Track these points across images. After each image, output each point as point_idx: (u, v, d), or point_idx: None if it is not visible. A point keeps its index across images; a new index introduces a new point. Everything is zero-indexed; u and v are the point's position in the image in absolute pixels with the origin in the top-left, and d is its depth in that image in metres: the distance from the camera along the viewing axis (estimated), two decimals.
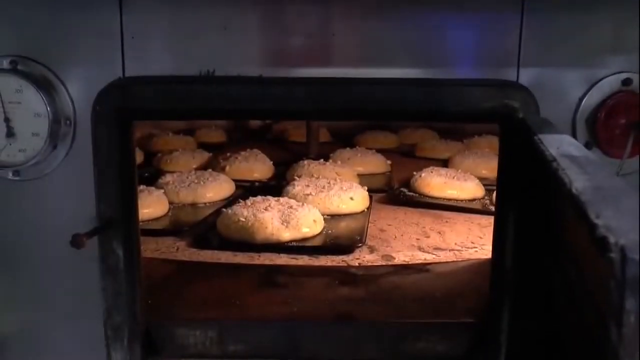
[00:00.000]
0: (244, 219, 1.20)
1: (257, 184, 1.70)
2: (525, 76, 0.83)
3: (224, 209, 1.29)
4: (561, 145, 0.60)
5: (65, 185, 0.86)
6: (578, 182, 0.47)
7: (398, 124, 2.60)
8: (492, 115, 0.82)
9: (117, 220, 0.84)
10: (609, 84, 0.85)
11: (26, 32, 0.83)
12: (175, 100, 0.83)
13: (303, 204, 1.30)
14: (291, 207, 1.27)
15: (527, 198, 0.81)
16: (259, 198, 1.32)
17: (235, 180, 1.65)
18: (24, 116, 0.82)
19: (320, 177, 1.57)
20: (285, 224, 1.21)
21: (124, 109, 0.82)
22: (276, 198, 1.33)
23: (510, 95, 0.82)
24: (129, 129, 0.84)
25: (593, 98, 0.84)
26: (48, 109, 0.82)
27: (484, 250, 1.22)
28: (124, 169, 0.84)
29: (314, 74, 0.84)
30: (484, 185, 1.64)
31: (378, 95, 0.82)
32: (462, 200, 1.57)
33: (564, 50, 0.84)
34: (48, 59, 0.83)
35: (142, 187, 1.41)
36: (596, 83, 0.85)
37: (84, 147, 0.84)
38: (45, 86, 0.82)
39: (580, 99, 0.84)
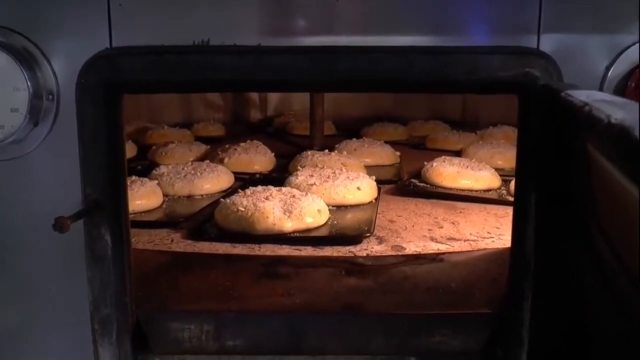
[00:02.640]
0: (243, 209, 1.17)
1: (257, 175, 1.67)
2: (547, 43, 0.79)
3: (222, 199, 1.26)
4: (591, 95, 0.56)
5: (47, 165, 0.82)
6: (617, 114, 0.43)
7: (408, 115, 2.57)
8: (510, 85, 0.79)
9: (104, 204, 0.81)
10: (638, 51, 0.80)
11: (3, 0, 0.79)
12: (167, 72, 0.79)
13: (306, 194, 1.26)
14: (294, 196, 1.23)
15: (549, 176, 0.77)
16: (260, 188, 1.29)
17: (234, 173, 1.62)
18: (1, 90, 0.78)
19: (325, 167, 1.54)
20: (287, 213, 1.17)
21: (111, 82, 0.79)
22: (278, 188, 1.29)
23: (531, 63, 0.78)
24: (117, 103, 0.81)
25: (620, 67, 0.80)
26: (28, 83, 0.78)
27: (501, 240, 1.18)
28: (112, 148, 0.81)
29: (316, 42, 0.80)
30: (501, 176, 1.60)
31: (385, 65, 0.78)
32: (476, 191, 1.53)
33: (587, 16, 0.80)
34: (28, 29, 0.80)
35: (134, 177, 1.39)
36: (624, 51, 0.81)
37: (68, 124, 0.80)
38: (25, 58, 0.79)
39: (607, 68, 0.80)
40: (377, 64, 0.79)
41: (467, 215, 1.37)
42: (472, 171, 1.57)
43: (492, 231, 1.25)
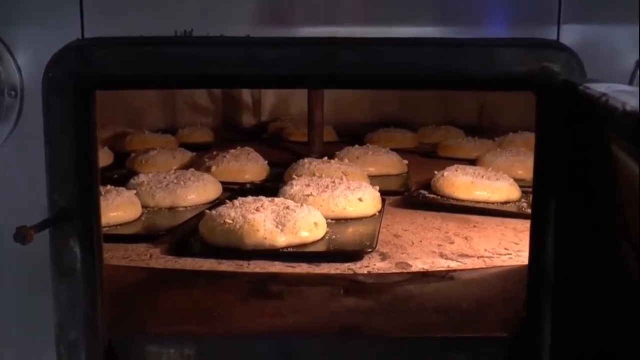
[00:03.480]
0: (231, 221, 1.17)
1: (248, 185, 1.67)
2: (568, 35, 0.80)
3: (207, 211, 1.26)
4: (612, 87, 0.56)
5: (9, 168, 0.82)
6: (633, 101, 0.43)
7: (417, 120, 2.58)
8: (526, 81, 0.79)
9: (74, 212, 0.81)
10: None
11: None
12: (146, 66, 0.80)
13: (302, 205, 1.26)
14: (287, 207, 1.23)
15: (571, 182, 0.77)
16: (250, 198, 1.29)
17: (222, 183, 1.62)
18: None
19: (324, 176, 1.54)
20: (280, 226, 1.17)
21: (83, 76, 0.79)
22: (270, 198, 1.29)
23: (550, 56, 0.78)
24: (89, 100, 0.81)
25: None
26: None
27: (520, 257, 1.18)
28: (82, 150, 0.81)
29: (313, 33, 0.81)
30: (521, 187, 1.60)
31: (389, 58, 0.79)
32: (493, 203, 1.53)
33: (613, 4, 0.80)
34: None
35: (109, 187, 1.39)
36: None
37: (33, 122, 0.80)
38: None
39: (639, 63, 0.80)
40: (381, 57, 0.79)
41: (482, 229, 1.37)
42: (488, 181, 1.57)
43: (509, 247, 1.25)
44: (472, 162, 1.94)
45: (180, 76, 0.81)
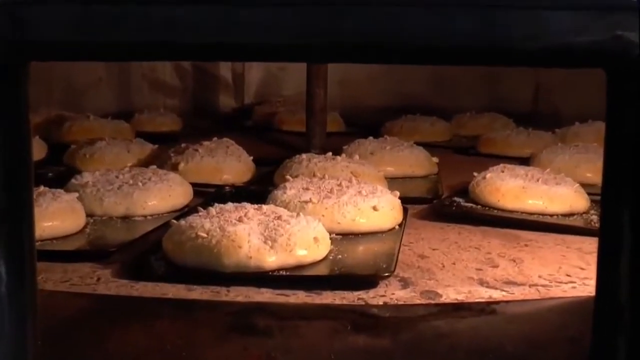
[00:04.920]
0: (205, 235, 1.19)
1: (227, 188, 1.68)
2: None
3: (174, 221, 1.28)
4: None
5: None
6: None
7: (452, 104, 2.60)
8: (592, 55, 0.80)
9: None
10: None
11: None
12: (96, 31, 0.81)
13: (298, 215, 1.28)
14: (279, 217, 1.25)
15: None
16: (230, 205, 1.31)
17: (193, 185, 1.65)
18: None
19: (327, 177, 1.55)
20: (269, 242, 1.19)
21: (12, 43, 0.81)
22: (257, 205, 1.31)
23: (625, 23, 0.79)
24: (20, 74, 0.82)
25: None
26: None
27: (586, 286, 1.20)
28: (10, 139, 0.82)
29: None
30: (589, 195, 1.62)
31: (412, 23, 0.80)
32: (551, 215, 1.55)
33: None
34: None
35: (43, 188, 1.41)
36: None
37: None
38: None
39: None
40: (401, 21, 0.80)
41: (536, 249, 1.38)
42: (546, 186, 1.59)
43: (572, 273, 1.27)
44: (525, 160, 1.97)
45: (140, 45, 0.82)
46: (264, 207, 1.31)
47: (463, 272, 1.25)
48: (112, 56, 1.10)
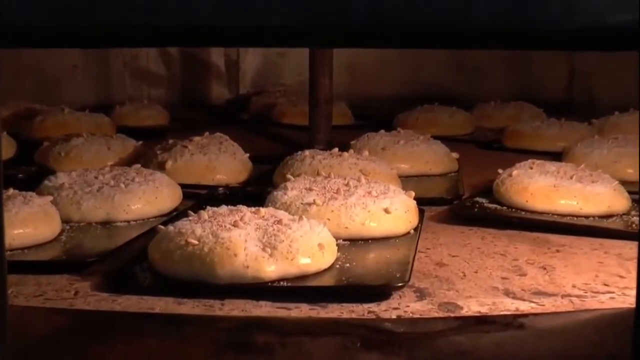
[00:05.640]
0: (196, 242, 1.19)
1: (221, 190, 1.69)
2: None
3: (161, 227, 1.29)
4: None
5: None
6: None
7: (474, 92, 2.61)
8: (628, 37, 0.82)
9: None
10: None
11: None
12: (71, 13, 0.83)
13: (301, 218, 1.29)
14: (279, 222, 1.26)
15: None
16: (224, 209, 1.31)
17: (183, 186, 1.65)
18: None
19: (333, 176, 1.56)
20: (269, 249, 1.20)
21: None
22: (254, 208, 1.32)
23: None
24: None
25: None
26: None
27: (626, 297, 1.20)
28: None
29: None
30: (631, 193, 1.62)
31: (427, 3, 0.82)
32: (587, 217, 1.55)
33: None
34: None
35: (12, 191, 1.41)
36: None
37: None
38: None
39: None
40: (415, 0, 0.82)
41: (570, 255, 1.38)
42: (581, 184, 1.59)
43: (611, 281, 1.26)
44: (557, 155, 1.98)
45: (121, 29, 0.84)
46: (262, 210, 1.31)
47: (487, 282, 1.25)
48: (87, 42, 1.11)
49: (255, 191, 1.61)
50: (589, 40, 0.86)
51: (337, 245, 1.31)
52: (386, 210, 1.41)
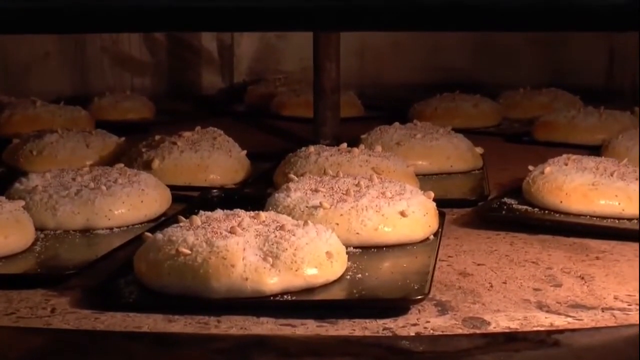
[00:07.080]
0: (188, 251, 1.20)
1: (215, 192, 1.70)
2: None
3: (148, 234, 1.29)
4: None
5: None
6: None
7: (499, 79, 2.60)
8: None
9: None
10: None
11: None
12: None
13: (307, 223, 1.29)
14: (282, 228, 1.26)
15: None
16: (220, 213, 1.32)
17: (172, 188, 1.66)
18: None
19: (342, 175, 1.57)
20: (270, 259, 1.20)
21: None
22: (253, 213, 1.32)
23: None
24: None
25: None
26: None
27: None
28: None
29: None
30: None
31: None
32: (630, 220, 1.56)
33: None
34: None
35: None
36: None
37: None
38: None
39: None
40: None
41: (611, 263, 1.38)
42: (622, 182, 1.59)
43: None
44: (596, 149, 1.98)
45: (101, 12, 0.84)
46: (263, 214, 1.32)
47: (517, 294, 1.25)
48: (62, 28, 1.10)
49: (253, 193, 1.62)
50: (600, 21, 0.86)
51: (347, 253, 1.31)
52: (402, 214, 1.41)
